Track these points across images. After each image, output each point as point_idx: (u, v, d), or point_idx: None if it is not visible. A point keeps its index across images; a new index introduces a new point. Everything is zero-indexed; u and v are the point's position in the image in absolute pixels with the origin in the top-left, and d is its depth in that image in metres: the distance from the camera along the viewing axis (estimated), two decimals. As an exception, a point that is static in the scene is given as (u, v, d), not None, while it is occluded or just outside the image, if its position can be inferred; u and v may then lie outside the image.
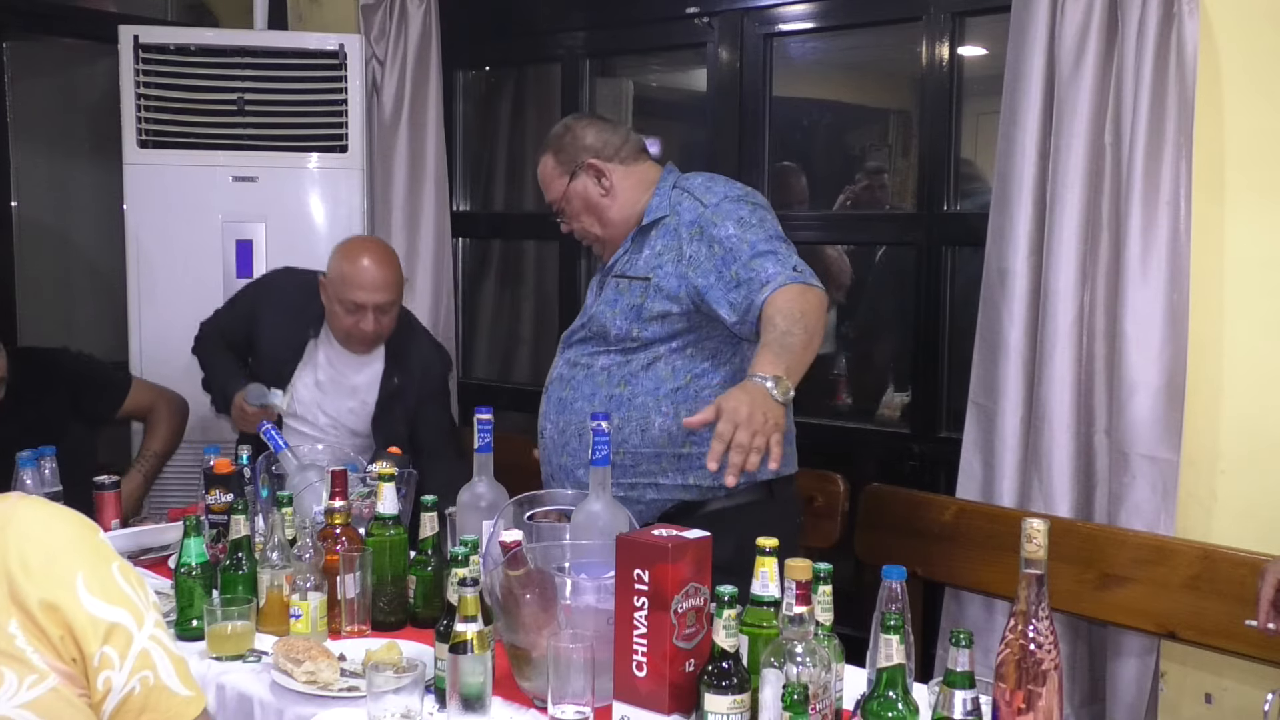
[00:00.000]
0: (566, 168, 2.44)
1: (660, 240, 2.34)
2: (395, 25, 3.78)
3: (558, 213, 2.50)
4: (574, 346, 2.43)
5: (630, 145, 2.46)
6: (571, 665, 1.61)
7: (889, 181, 3.36)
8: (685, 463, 2.31)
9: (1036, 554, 1.48)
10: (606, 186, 2.42)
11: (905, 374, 3.26)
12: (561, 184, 2.44)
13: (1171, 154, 2.44)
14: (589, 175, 2.42)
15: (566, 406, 2.38)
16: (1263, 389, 2.48)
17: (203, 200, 3.62)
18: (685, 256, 2.28)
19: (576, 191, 2.43)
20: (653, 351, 2.31)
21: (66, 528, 1.28)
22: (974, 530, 2.65)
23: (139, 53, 3.60)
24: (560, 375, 2.43)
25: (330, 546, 2.13)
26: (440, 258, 3.85)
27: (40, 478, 2.54)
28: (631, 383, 2.32)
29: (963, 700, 1.47)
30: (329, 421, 2.96)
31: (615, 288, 2.36)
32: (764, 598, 1.65)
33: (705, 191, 2.34)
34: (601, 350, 2.36)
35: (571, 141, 2.45)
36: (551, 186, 2.47)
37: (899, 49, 3.27)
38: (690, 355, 2.31)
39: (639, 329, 2.31)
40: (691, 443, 2.29)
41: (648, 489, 2.32)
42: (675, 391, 2.29)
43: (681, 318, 2.29)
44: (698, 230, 2.28)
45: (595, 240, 2.49)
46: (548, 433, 2.42)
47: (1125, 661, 2.56)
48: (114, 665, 1.23)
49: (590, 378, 2.36)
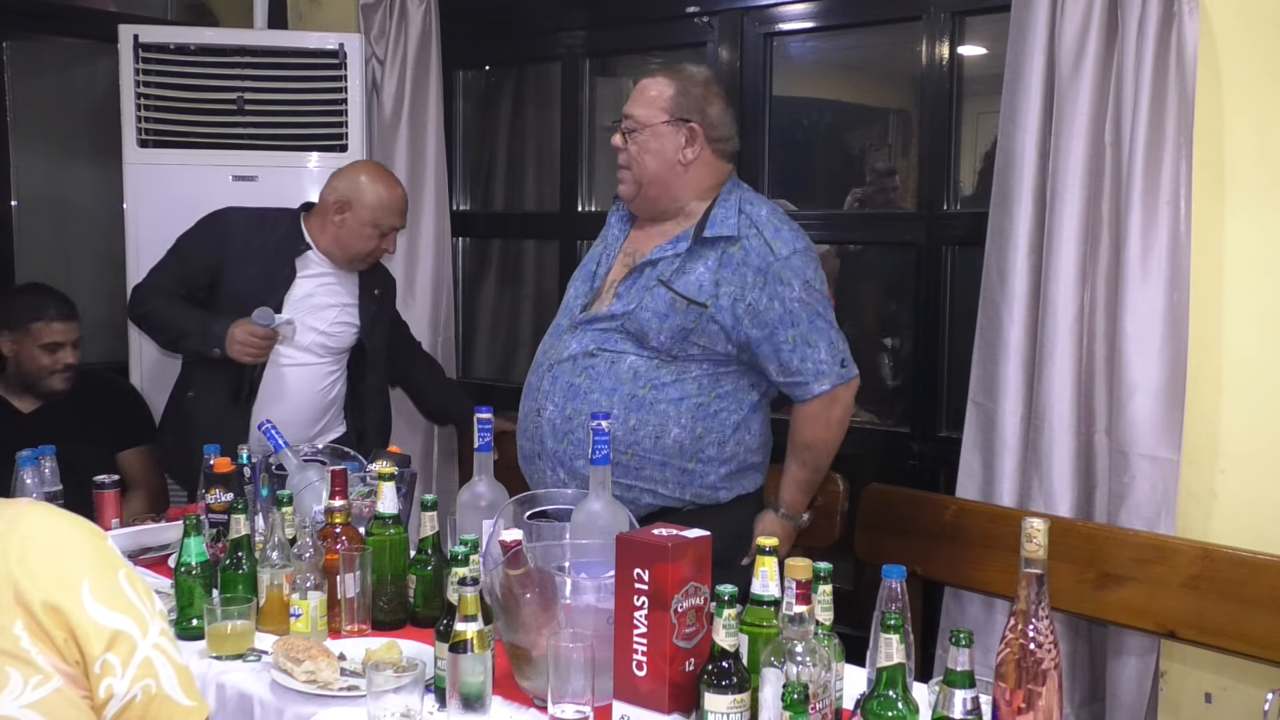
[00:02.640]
0: (676, 111, 2.35)
1: (724, 269, 2.29)
2: (395, 25, 3.78)
3: (627, 131, 2.39)
4: (594, 332, 2.36)
5: (730, 145, 2.42)
6: (571, 665, 1.61)
7: (899, 182, 3.36)
8: (688, 477, 2.33)
9: (1036, 553, 1.48)
10: (688, 159, 2.35)
11: (905, 374, 3.26)
12: (659, 117, 2.35)
13: (1171, 153, 2.44)
14: (685, 134, 2.34)
15: (579, 394, 2.33)
16: (1263, 388, 2.48)
17: (203, 199, 3.59)
18: (747, 301, 2.27)
19: (663, 134, 2.35)
20: (684, 366, 2.31)
21: (74, 533, 1.28)
22: (974, 530, 2.65)
23: (139, 52, 3.60)
24: (573, 359, 2.36)
25: (330, 546, 2.13)
26: (440, 257, 3.85)
27: (40, 477, 2.54)
28: (657, 389, 2.31)
29: (963, 700, 1.47)
30: (314, 339, 3.02)
31: (670, 303, 2.29)
32: (764, 597, 1.65)
33: (775, 235, 2.30)
34: (633, 351, 2.33)
35: (700, 97, 2.37)
36: (647, 109, 2.36)
37: (899, 48, 3.26)
38: (717, 379, 2.33)
39: (681, 348, 2.31)
40: (699, 460, 2.31)
41: (644, 493, 2.32)
42: (698, 407, 2.31)
43: (723, 356, 2.32)
44: (763, 280, 2.27)
45: (632, 185, 2.40)
46: (547, 414, 2.36)
47: (1125, 661, 2.56)
48: (116, 673, 1.24)
49: (614, 372, 2.32)
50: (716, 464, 2.34)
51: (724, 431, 2.33)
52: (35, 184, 4.01)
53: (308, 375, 3.03)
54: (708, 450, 2.32)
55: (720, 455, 2.34)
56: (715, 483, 2.36)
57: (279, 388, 2.99)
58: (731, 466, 2.37)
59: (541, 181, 4.11)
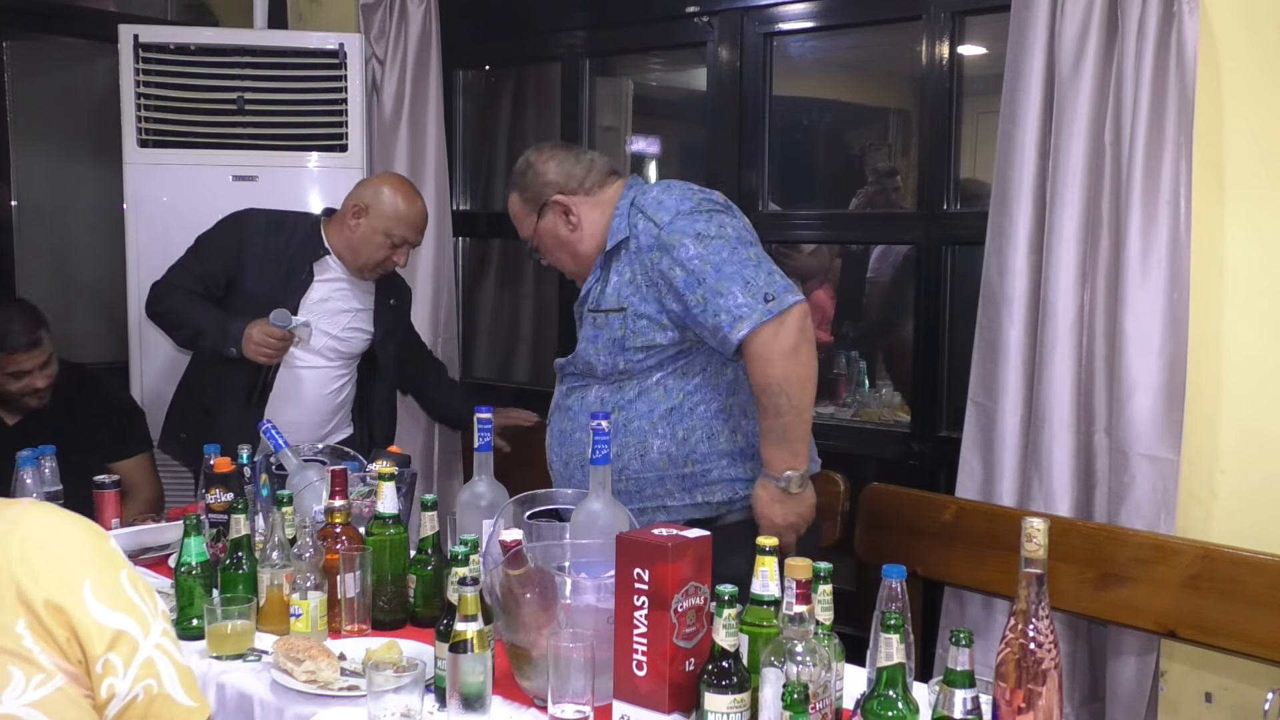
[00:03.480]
0: (533, 206, 2.43)
1: (627, 267, 2.29)
2: (395, 24, 3.78)
3: (532, 249, 2.50)
4: (568, 377, 2.42)
5: (595, 172, 2.41)
6: (571, 664, 1.61)
7: (902, 183, 3.36)
8: (690, 481, 2.29)
9: (1036, 553, 1.48)
10: (574, 222, 2.38)
11: (905, 373, 3.26)
12: (530, 221, 2.44)
13: (1171, 153, 2.44)
14: (556, 212, 2.40)
15: (567, 438, 2.38)
16: (1263, 388, 2.48)
17: (203, 199, 3.61)
18: (653, 281, 2.24)
19: (546, 229, 2.42)
20: (642, 380, 2.30)
21: (76, 533, 1.28)
22: (974, 529, 2.65)
23: (139, 52, 3.60)
24: (558, 405, 2.43)
25: (330, 545, 2.13)
26: (440, 257, 3.85)
27: (40, 477, 2.54)
28: (625, 409, 2.30)
29: (963, 699, 1.47)
30: (326, 343, 3.02)
31: (593, 323, 2.33)
32: (764, 597, 1.65)
33: (658, 209, 2.26)
34: (595, 383, 2.35)
35: (535, 179, 2.42)
36: (522, 224, 2.47)
37: (899, 48, 3.27)
38: (681, 374, 2.29)
39: (624, 361, 2.29)
40: (693, 461, 2.28)
41: (658, 512, 2.29)
42: (670, 412, 2.28)
43: (669, 345, 2.27)
44: (658, 254, 2.23)
45: (571, 273, 2.49)
46: (554, 465, 2.42)
47: (1125, 660, 2.56)
48: (118, 672, 1.24)
49: (585, 409, 2.34)
50: (715, 457, 2.29)
51: (709, 423, 2.29)
52: (35, 184, 4.01)
53: (317, 378, 3.04)
54: (698, 448, 2.28)
55: (714, 448, 2.29)
56: (723, 476, 2.29)
57: (290, 389, 3.00)
58: (733, 453, 2.30)
59: (541, 181, 4.10)
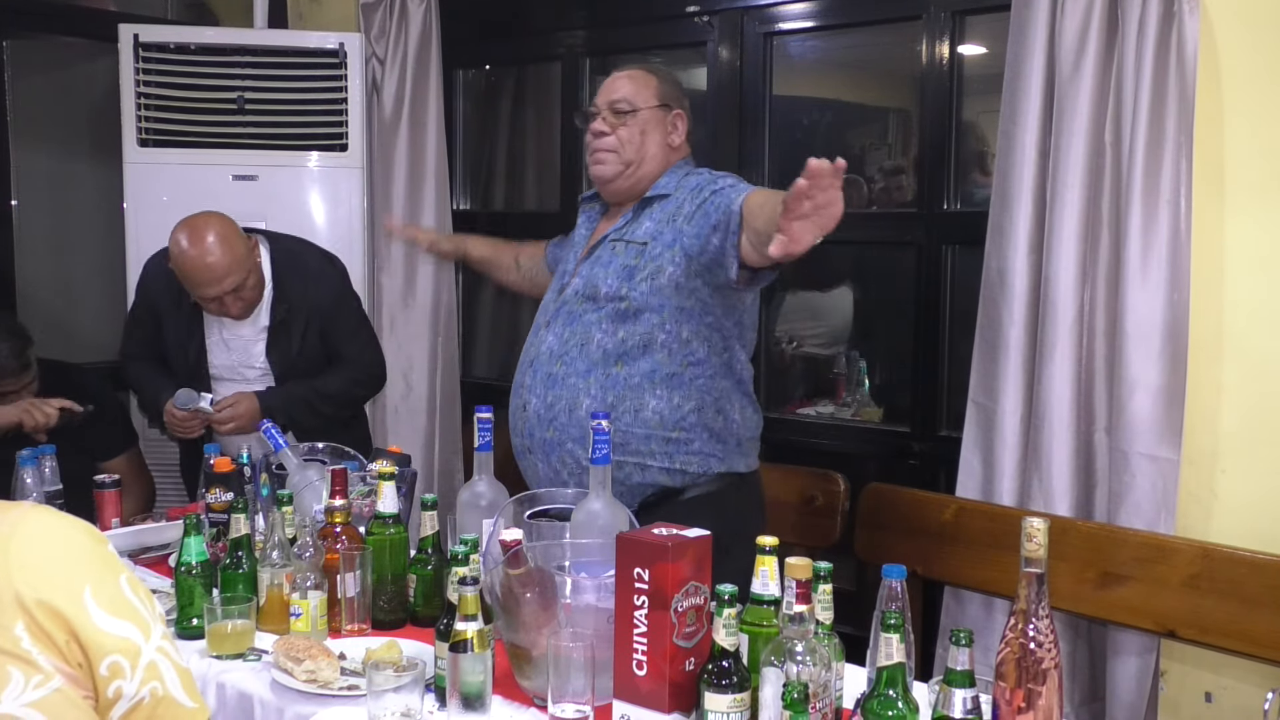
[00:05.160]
0: (664, 97, 2.45)
1: (661, 211, 2.37)
2: (395, 24, 3.78)
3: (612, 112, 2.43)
4: (561, 319, 2.42)
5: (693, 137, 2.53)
6: (572, 664, 1.61)
7: (905, 182, 3.35)
8: (673, 446, 2.34)
9: (1036, 553, 1.48)
10: (675, 144, 2.46)
11: (905, 372, 3.26)
12: (649, 100, 2.43)
13: (1172, 153, 2.44)
14: (676, 120, 2.46)
15: (557, 381, 2.38)
16: (1263, 388, 2.48)
17: (203, 199, 3.57)
18: (682, 215, 2.31)
19: (653, 119, 2.44)
20: (646, 323, 2.32)
21: (75, 537, 1.29)
22: (974, 529, 2.65)
23: (139, 51, 3.61)
24: (549, 350, 2.41)
25: (330, 545, 2.13)
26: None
27: (40, 476, 2.54)
28: (628, 364, 2.33)
29: (963, 699, 1.47)
30: (257, 373, 2.95)
31: (611, 249, 2.39)
32: (764, 596, 1.65)
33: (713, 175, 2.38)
34: (592, 312, 2.36)
35: (677, 89, 2.49)
36: (634, 94, 2.43)
37: (899, 47, 3.27)
38: (686, 340, 2.33)
39: (628, 288, 2.33)
40: (681, 428, 2.34)
41: (634, 470, 2.34)
42: (670, 377, 2.33)
43: (671, 283, 2.30)
44: (697, 193, 2.32)
45: (617, 166, 2.44)
46: (532, 406, 2.41)
47: (1125, 660, 2.56)
48: (125, 675, 1.24)
49: (585, 354, 2.36)
50: (699, 430, 2.35)
51: (702, 398, 2.35)
52: (35, 183, 4.01)
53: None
54: (689, 417, 2.34)
55: (702, 421, 2.35)
56: (703, 449, 2.36)
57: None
58: (718, 435, 2.37)
59: (542, 181, 4.11)
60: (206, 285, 2.73)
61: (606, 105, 2.45)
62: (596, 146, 2.46)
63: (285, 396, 2.91)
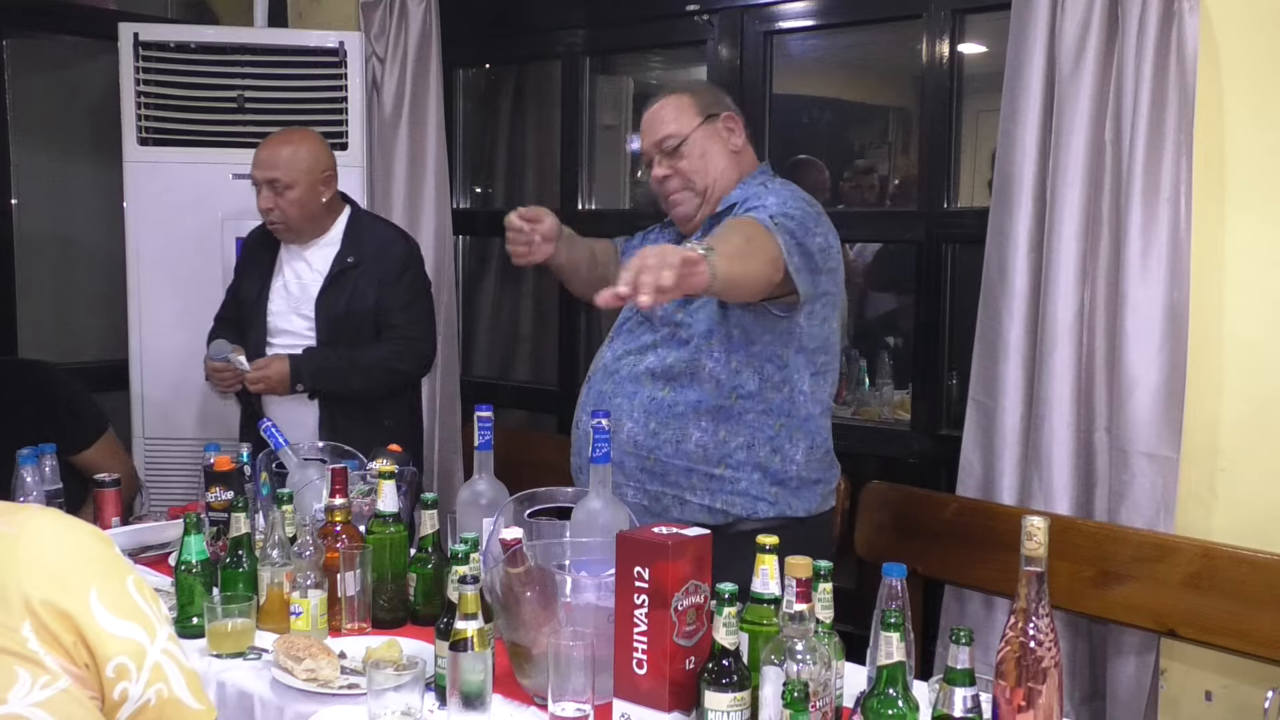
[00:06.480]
0: (705, 108, 2.31)
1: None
2: (395, 23, 3.78)
3: (663, 153, 2.31)
4: (622, 336, 2.35)
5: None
6: (572, 663, 1.61)
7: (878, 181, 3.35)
8: (716, 484, 2.24)
9: (1036, 551, 1.48)
10: (738, 146, 2.33)
11: (905, 371, 3.26)
12: (692, 123, 2.29)
13: (1172, 152, 2.44)
14: (727, 123, 2.32)
15: (605, 400, 2.30)
16: (1263, 387, 2.48)
17: (203, 198, 3.62)
18: None
19: (705, 136, 2.30)
20: (695, 350, 2.22)
21: (81, 539, 1.29)
22: (974, 528, 2.65)
23: (139, 50, 3.60)
24: (605, 367, 2.35)
25: (330, 544, 2.13)
26: (441, 256, 3.84)
27: (40, 475, 2.54)
28: (675, 390, 2.24)
29: (963, 698, 1.47)
30: (306, 324, 3.01)
31: None
32: (764, 595, 1.65)
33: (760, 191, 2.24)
34: (647, 332, 2.28)
35: (714, 94, 2.38)
36: (675, 122, 2.30)
37: (899, 46, 3.27)
38: (735, 370, 2.22)
39: (684, 314, 2.23)
40: (727, 465, 2.23)
41: (672, 503, 2.26)
42: (717, 410, 2.22)
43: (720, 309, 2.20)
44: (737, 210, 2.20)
45: (695, 198, 2.32)
46: (583, 425, 2.32)
47: (1125, 659, 2.56)
48: (131, 676, 1.25)
49: (635, 377, 2.28)
50: (749, 469, 2.24)
51: (751, 435, 2.23)
52: (35, 182, 4.00)
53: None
54: (735, 455, 2.22)
55: (751, 459, 2.23)
56: (749, 490, 2.24)
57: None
58: (770, 477, 2.25)
59: (542, 180, 4.11)
60: (261, 163, 2.95)
61: (655, 148, 2.34)
62: (666, 191, 2.35)
63: (318, 361, 2.96)
